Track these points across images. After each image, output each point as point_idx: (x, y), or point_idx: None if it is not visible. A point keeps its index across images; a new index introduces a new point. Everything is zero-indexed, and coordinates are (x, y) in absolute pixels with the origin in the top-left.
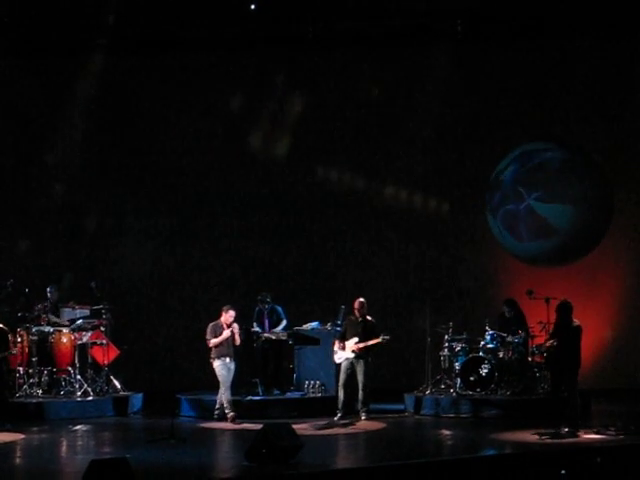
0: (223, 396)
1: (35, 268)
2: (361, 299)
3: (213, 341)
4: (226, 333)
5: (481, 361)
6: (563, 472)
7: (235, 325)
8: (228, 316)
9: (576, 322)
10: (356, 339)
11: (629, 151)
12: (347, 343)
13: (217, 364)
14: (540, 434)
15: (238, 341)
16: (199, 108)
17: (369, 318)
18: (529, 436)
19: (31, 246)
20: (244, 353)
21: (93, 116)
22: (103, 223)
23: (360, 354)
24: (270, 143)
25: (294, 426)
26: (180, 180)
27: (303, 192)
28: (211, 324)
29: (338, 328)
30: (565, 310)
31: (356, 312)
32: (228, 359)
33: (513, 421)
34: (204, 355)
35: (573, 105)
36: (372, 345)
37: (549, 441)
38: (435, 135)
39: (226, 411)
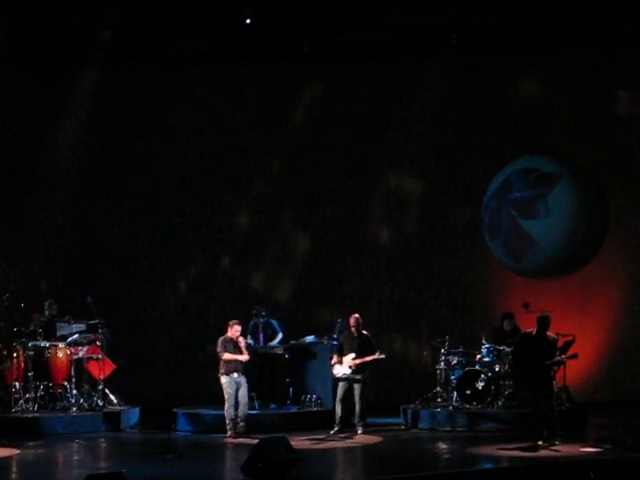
0: (226, 412)
1: (32, 283)
2: (356, 315)
3: (226, 355)
4: (243, 357)
5: (477, 375)
6: None
7: (241, 339)
8: (234, 330)
9: (552, 336)
10: (353, 355)
11: (625, 163)
12: (344, 358)
13: (225, 380)
14: (521, 449)
15: (245, 353)
16: (196, 121)
17: (365, 333)
18: (525, 449)
19: (28, 260)
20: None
21: (89, 129)
22: (99, 236)
23: (357, 369)
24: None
25: (291, 440)
26: (177, 193)
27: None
28: (220, 338)
29: (335, 342)
30: (542, 323)
31: (352, 328)
32: (236, 374)
33: (509, 435)
34: (201, 369)
35: (568, 118)
36: (369, 361)
37: (544, 454)
38: (430, 148)
39: (227, 427)
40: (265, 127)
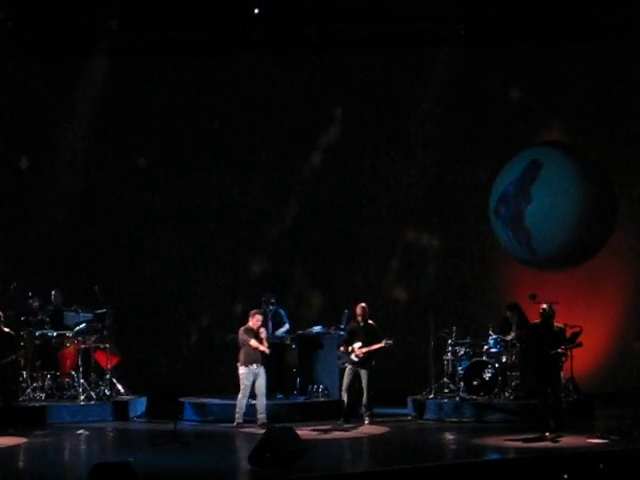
0: (238, 402)
1: (38, 271)
2: (362, 304)
3: (253, 342)
4: (266, 350)
5: (484, 365)
6: (565, 477)
7: (262, 329)
8: (255, 320)
9: (559, 326)
10: (359, 344)
11: (633, 155)
12: (350, 348)
13: (242, 371)
14: (525, 440)
15: (266, 344)
16: (203, 111)
17: (370, 322)
18: (532, 440)
19: (34, 249)
20: None
21: (97, 118)
22: (107, 225)
23: (363, 358)
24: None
25: (298, 430)
26: (181, 182)
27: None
28: (242, 329)
29: (342, 332)
30: (549, 315)
31: (358, 317)
32: (255, 365)
33: (516, 426)
34: (207, 359)
35: (577, 108)
36: (375, 349)
37: (552, 445)
38: (438, 139)
39: (236, 415)
40: (271, 121)
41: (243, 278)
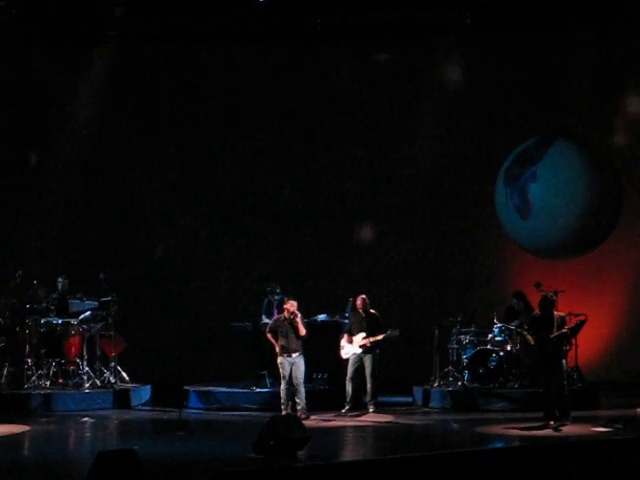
0: (280, 392)
1: (44, 259)
2: (363, 295)
3: (269, 336)
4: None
5: (489, 354)
6: (569, 465)
7: (298, 313)
8: (289, 306)
9: (560, 314)
10: (363, 334)
11: (638, 143)
12: (354, 338)
13: (280, 360)
14: (533, 427)
15: (302, 331)
16: (207, 100)
17: (372, 312)
18: (536, 429)
19: (41, 236)
20: (253, 346)
21: (104, 106)
22: (113, 213)
23: (368, 348)
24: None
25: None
26: (188, 168)
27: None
28: (273, 319)
29: (346, 320)
30: (547, 304)
31: (359, 309)
32: (293, 355)
33: (521, 414)
34: (211, 346)
35: (584, 97)
36: (380, 340)
37: (556, 434)
38: (444, 128)
39: (282, 407)
40: (275, 108)
41: (249, 267)
